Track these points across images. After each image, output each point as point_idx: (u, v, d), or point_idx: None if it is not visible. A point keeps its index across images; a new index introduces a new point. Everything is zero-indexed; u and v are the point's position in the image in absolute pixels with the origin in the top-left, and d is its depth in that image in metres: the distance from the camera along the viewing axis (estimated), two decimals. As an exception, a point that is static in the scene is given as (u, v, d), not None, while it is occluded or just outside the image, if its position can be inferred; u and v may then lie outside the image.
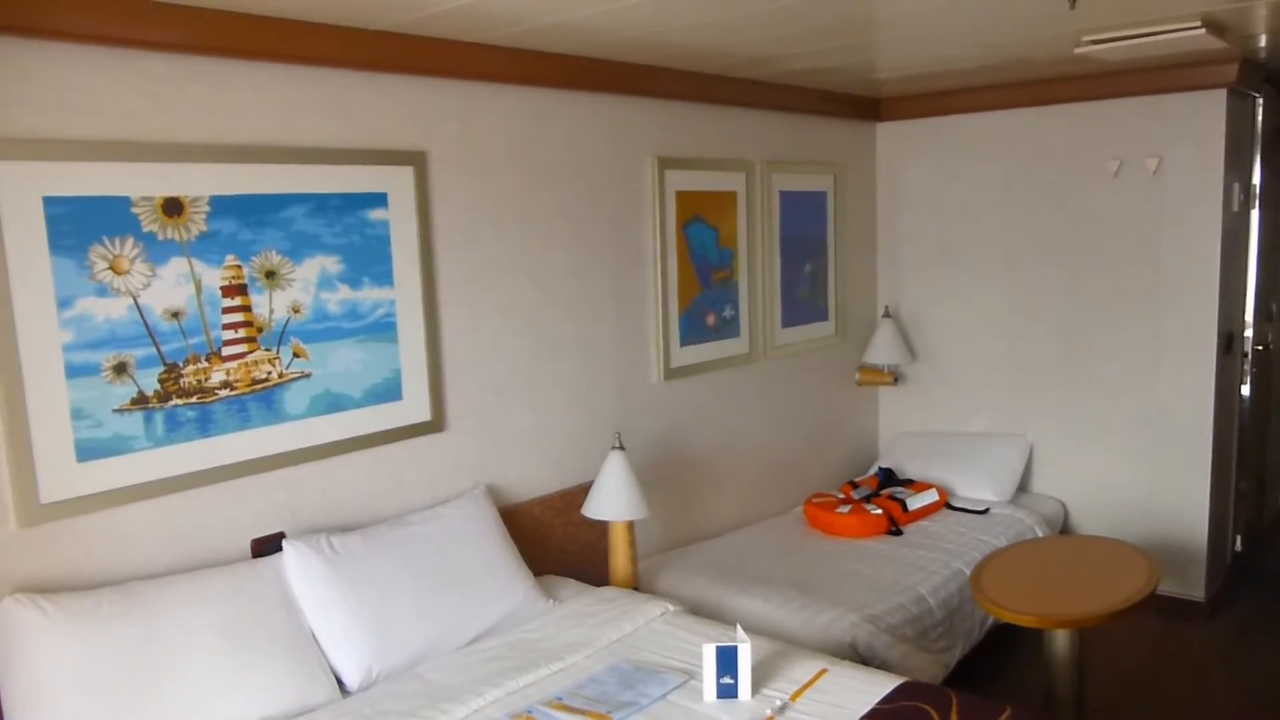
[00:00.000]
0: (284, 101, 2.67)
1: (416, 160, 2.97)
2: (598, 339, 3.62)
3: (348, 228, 2.83)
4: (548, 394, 3.45)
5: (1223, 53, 3.74)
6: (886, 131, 4.98)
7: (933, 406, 5.01)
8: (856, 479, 4.63)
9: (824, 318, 4.72)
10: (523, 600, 2.93)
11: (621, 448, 3.27)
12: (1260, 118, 4.50)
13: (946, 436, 4.87)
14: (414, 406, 3.03)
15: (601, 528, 3.48)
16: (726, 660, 2.42)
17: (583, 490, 3.42)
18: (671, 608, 2.99)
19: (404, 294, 2.98)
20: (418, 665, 2.64)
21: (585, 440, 3.59)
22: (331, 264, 2.79)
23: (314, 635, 2.55)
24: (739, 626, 2.56)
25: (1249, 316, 4.60)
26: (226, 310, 2.57)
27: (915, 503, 4.23)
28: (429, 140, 3.03)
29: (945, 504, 4.38)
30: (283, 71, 2.66)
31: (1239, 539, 4.73)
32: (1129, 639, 4.09)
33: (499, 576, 2.92)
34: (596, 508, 3.26)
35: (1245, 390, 4.63)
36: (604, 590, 3.14)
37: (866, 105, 4.82)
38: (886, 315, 4.95)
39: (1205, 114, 4.10)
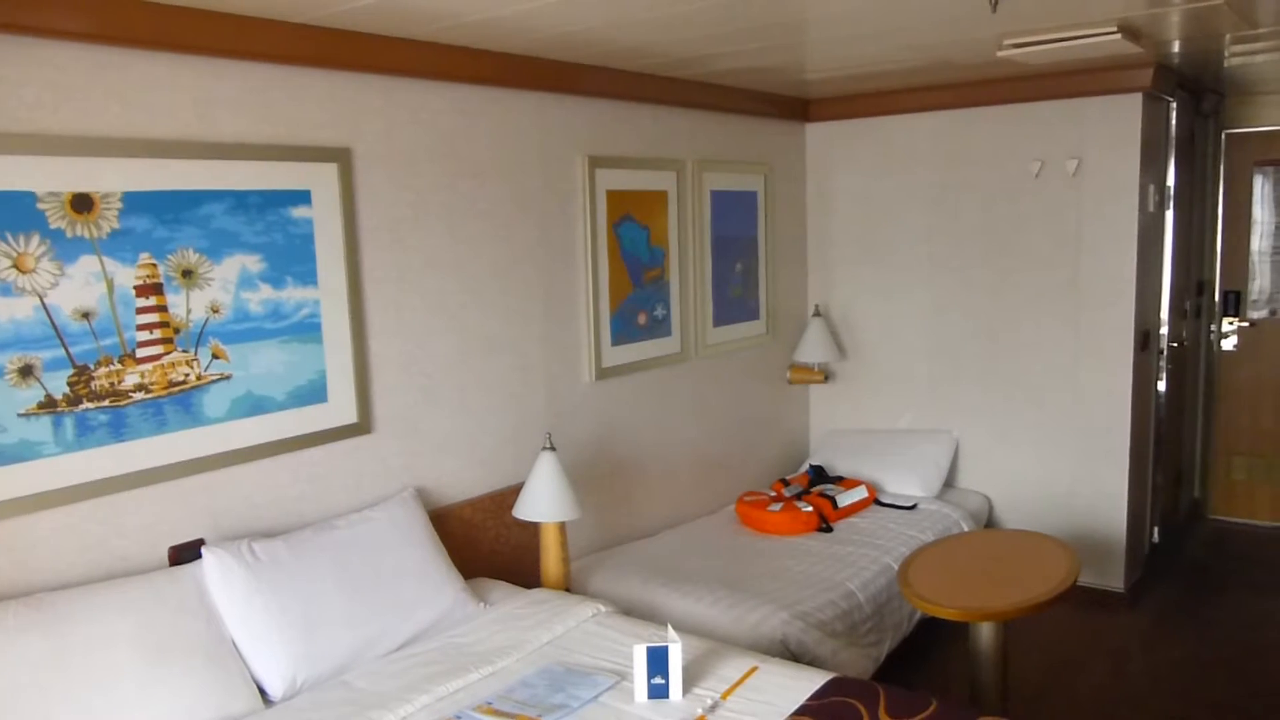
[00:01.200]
0: (201, 95, 2.59)
1: (341, 157, 2.91)
2: (528, 339, 3.59)
3: (269, 226, 2.76)
4: (477, 395, 3.41)
5: (1138, 58, 3.85)
6: (816, 132, 5.02)
7: (862, 404, 5.08)
8: (788, 477, 4.67)
9: (755, 316, 4.75)
10: (453, 604, 2.89)
11: (552, 448, 3.25)
12: (1174, 121, 4.64)
13: (875, 433, 4.94)
14: (340, 408, 2.97)
15: (533, 529, 3.45)
16: (657, 660, 2.41)
17: (514, 491, 3.39)
18: (603, 609, 2.97)
19: (329, 294, 2.92)
20: (344, 673, 2.59)
21: (516, 441, 3.56)
22: (253, 263, 2.72)
23: (235, 644, 2.48)
24: (670, 626, 2.56)
25: (1164, 314, 4.74)
26: (141, 310, 2.48)
27: (845, 499, 4.28)
28: (354, 137, 2.97)
29: (874, 500, 4.43)
30: (199, 64, 2.58)
31: (1156, 530, 4.88)
32: (1051, 630, 4.18)
33: (428, 580, 2.87)
34: (527, 509, 3.23)
35: (1161, 386, 4.78)
36: (535, 592, 3.11)
37: (796, 106, 4.86)
38: (817, 314, 5.00)
39: (1122, 117, 4.22)
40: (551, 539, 3.29)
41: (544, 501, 3.20)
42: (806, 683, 2.45)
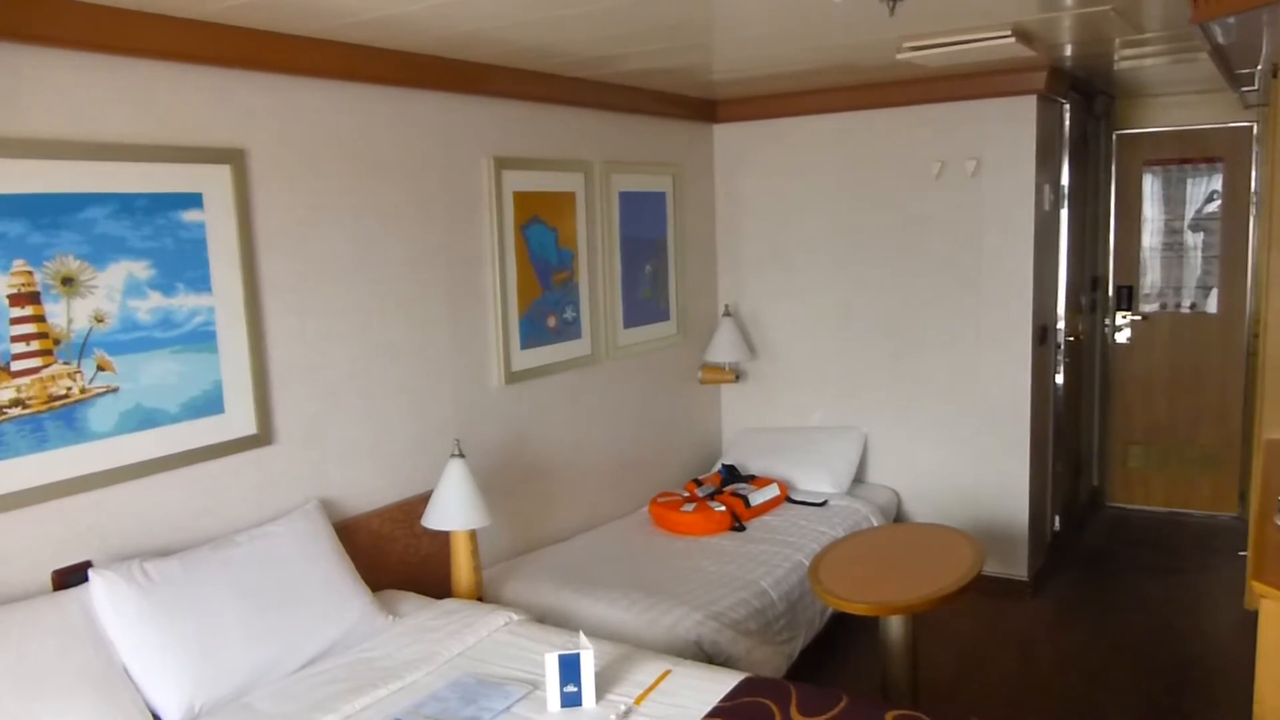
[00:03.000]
0: (80, 92, 2.47)
1: (234, 158, 2.81)
2: (434, 343, 3.52)
3: (158, 230, 2.64)
4: (383, 402, 3.33)
5: (1032, 61, 3.96)
6: (724, 133, 5.05)
7: (773, 403, 5.12)
8: (700, 477, 4.68)
9: (665, 317, 4.75)
10: (360, 618, 2.81)
11: (461, 455, 3.19)
12: (1068, 122, 4.79)
13: (786, 431, 4.99)
14: (238, 419, 2.86)
15: (443, 538, 3.38)
16: (569, 668, 2.38)
17: (423, 500, 3.31)
18: (515, 617, 2.93)
19: (224, 300, 2.81)
20: (246, 694, 2.49)
21: (424, 448, 3.48)
22: (140, 269, 2.60)
23: (127, 671, 2.36)
24: (581, 633, 2.53)
25: (1061, 309, 4.89)
26: (15, 321, 2.35)
27: (757, 498, 4.30)
28: (249, 137, 2.87)
29: (786, 498, 4.47)
30: (77, 59, 2.45)
31: (1057, 519, 5.03)
32: (959, 620, 4.28)
33: (334, 595, 2.79)
34: (436, 518, 3.16)
35: (1059, 379, 4.93)
36: (446, 603, 3.05)
37: (704, 107, 4.87)
38: (727, 314, 5.02)
39: (1018, 119, 4.34)
40: (462, 548, 3.24)
41: (453, 510, 3.14)
42: (719, 684, 2.45)
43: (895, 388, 4.79)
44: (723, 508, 4.16)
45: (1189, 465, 5.74)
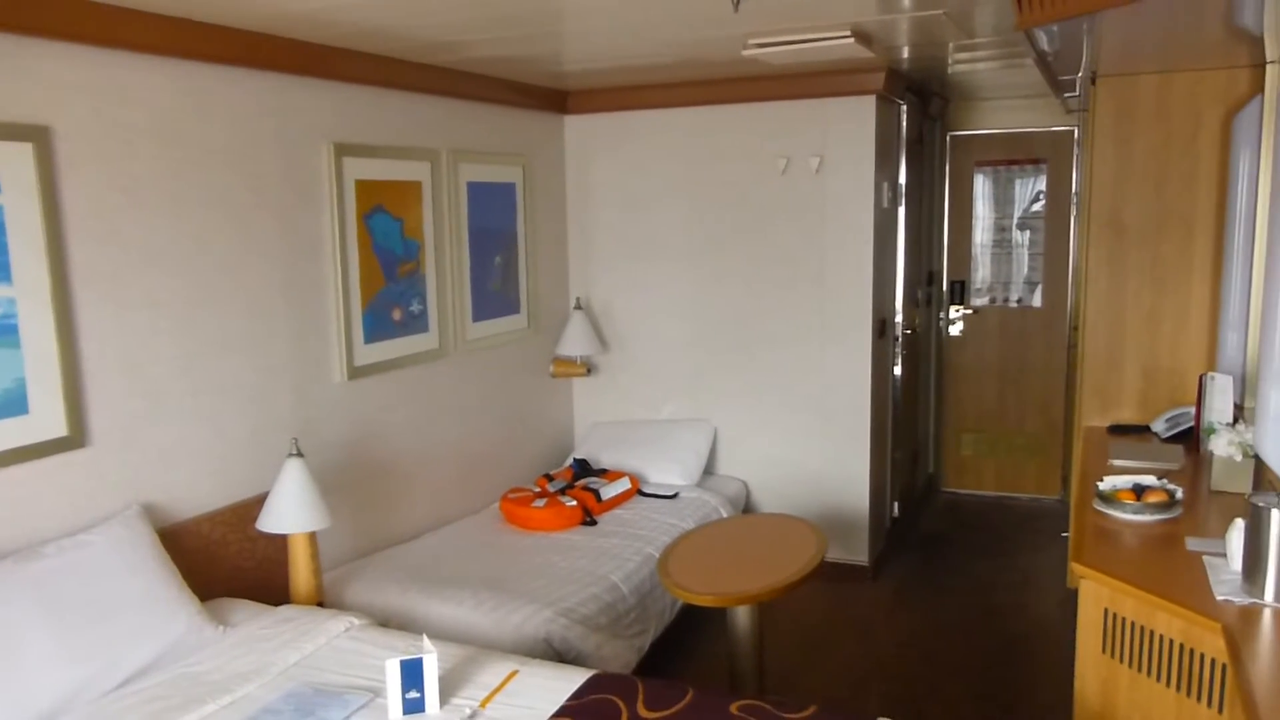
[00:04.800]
0: None
1: (37, 136, 2.58)
2: (270, 337, 3.36)
3: (-51, 214, 2.41)
4: (212, 399, 3.15)
5: (872, 62, 4.08)
6: (574, 124, 5.01)
7: (625, 396, 5.13)
8: (552, 471, 4.64)
9: (516, 310, 4.68)
10: (186, 629, 2.65)
11: (299, 454, 3.05)
12: (905, 123, 4.97)
13: (638, 424, 5.00)
14: (45, 421, 2.64)
15: (280, 541, 3.23)
16: (412, 673, 2.30)
17: (258, 502, 3.15)
18: (357, 622, 2.82)
19: (27, 291, 2.58)
20: (59, 717, 2.31)
21: (259, 447, 3.31)
22: (-72, 257, 2.37)
23: (-86, 698, 2.15)
24: (425, 636, 2.45)
25: (899, 303, 5.08)
26: None
27: (609, 492, 4.30)
28: (54, 114, 2.64)
29: (637, 491, 4.48)
30: None
31: (896, 506, 5.23)
32: (803, 607, 4.39)
33: (156, 606, 2.61)
34: (272, 520, 3.01)
35: (897, 370, 5.12)
36: (283, 610, 2.91)
37: (554, 97, 4.82)
38: (578, 307, 4.99)
39: (858, 118, 4.47)
40: (301, 551, 3.09)
41: (290, 511, 3.00)
42: (566, 683, 2.42)
43: (744, 380, 4.87)
44: (574, 502, 4.13)
45: (1016, 451, 6.07)
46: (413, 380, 4.03)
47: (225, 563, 3.12)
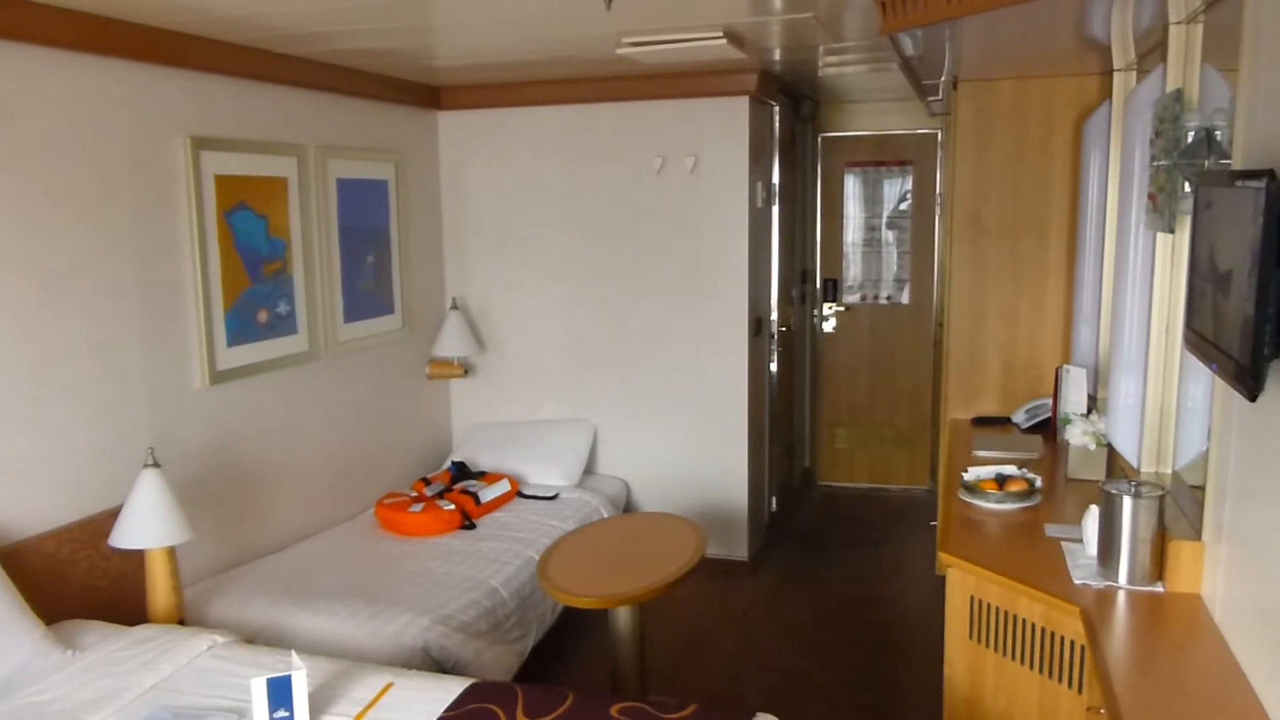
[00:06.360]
0: None
1: None
2: (123, 341, 3.17)
3: None
4: (58, 408, 2.95)
5: (744, 63, 4.13)
6: (448, 121, 4.91)
7: (503, 396, 5.06)
8: (429, 475, 4.53)
9: (390, 311, 4.56)
10: (30, 656, 2.47)
11: (156, 464, 2.89)
12: (777, 124, 5.05)
13: (517, 425, 4.94)
14: None
15: (137, 558, 3.05)
16: (279, 692, 2.20)
17: (112, 516, 2.97)
18: (220, 639, 2.69)
19: None
20: (-120, 757, 2.12)
21: (112, 459, 3.12)
22: None
23: None
24: (294, 652, 2.35)
25: (774, 301, 5.16)
26: None
27: (488, 494, 4.23)
28: None
29: (517, 493, 4.43)
30: None
31: (774, 500, 5.32)
32: (684, 605, 4.41)
33: (-4, 631, 2.43)
34: (127, 535, 2.84)
35: (773, 367, 5.20)
36: (140, 630, 2.75)
37: (427, 93, 4.71)
38: (454, 307, 4.90)
39: (732, 118, 4.52)
40: (158, 566, 2.93)
41: (146, 525, 2.84)
42: (444, 693, 2.36)
43: (623, 379, 4.86)
44: (452, 506, 4.05)
45: (888, 444, 6.25)
46: (281, 384, 3.87)
47: (75, 582, 2.93)
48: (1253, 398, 1.53)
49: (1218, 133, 2.21)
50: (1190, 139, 2.28)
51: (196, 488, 3.41)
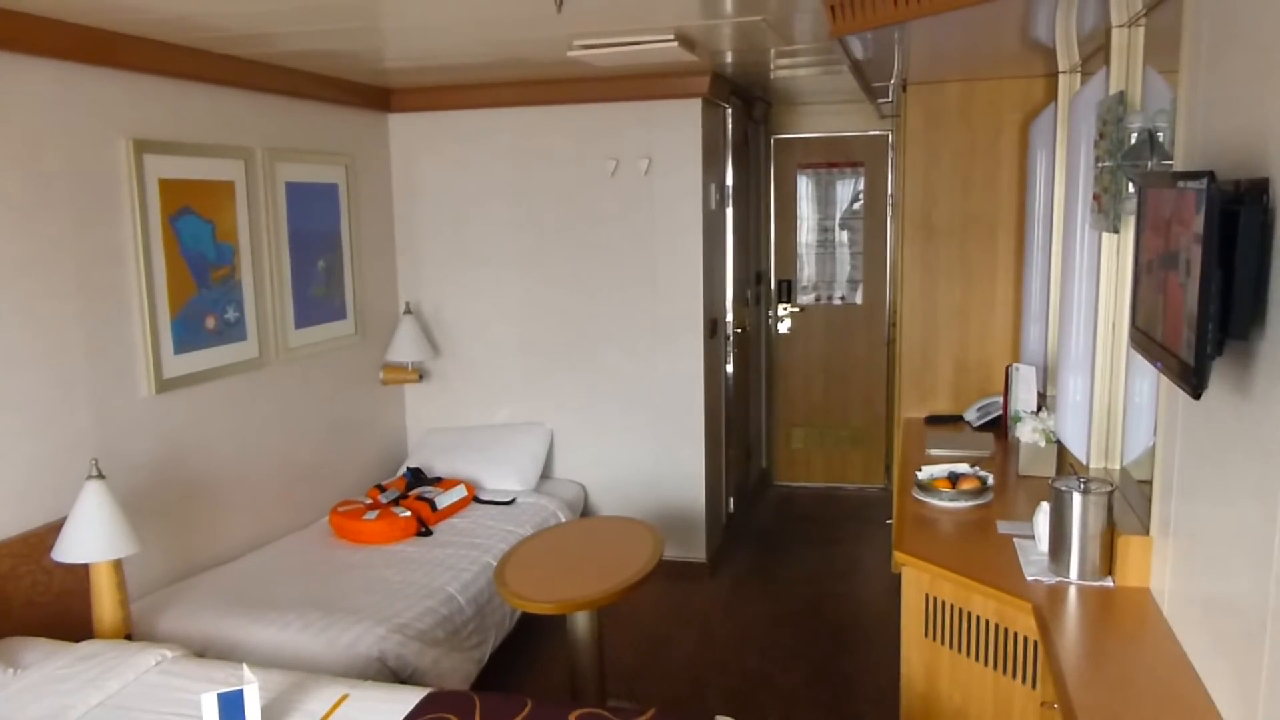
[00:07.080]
0: None
1: None
2: (64, 350, 3.09)
3: None
4: (-2, 420, 2.88)
5: (696, 66, 4.13)
6: (399, 123, 4.86)
7: (459, 401, 5.02)
8: (384, 482, 4.48)
9: (342, 316, 4.50)
10: (-31, 675, 2.40)
11: (100, 475, 2.82)
12: (730, 126, 5.06)
13: (472, 430, 4.90)
14: None
15: (81, 571, 2.98)
16: (231, 707, 2.16)
17: (54, 529, 2.90)
18: (170, 654, 2.63)
19: None
20: None
21: (54, 470, 3.05)
22: None
23: None
24: (245, 666, 2.31)
25: (729, 303, 5.18)
26: None
27: (444, 500, 4.19)
28: None
29: (473, 498, 4.39)
30: None
31: (731, 501, 5.33)
32: (642, 608, 4.41)
33: (-67, 651, 2.36)
34: (70, 549, 2.77)
35: (729, 369, 5.22)
36: (85, 646, 2.68)
37: (378, 95, 4.66)
38: (408, 311, 4.85)
39: (685, 121, 4.52)
40: (104, 580, 2.86)
41: (91, 538, 2.77)
42: (400, 704, 2.33)
43: (579, 382, 4.85)
44: (408, 513, 4.01)
45: (843, 444, 6.30)
46: (231, 392, 3.81)
47: (16, 598, 2.85)
48: (1197, 396, 1.56)
49: (1160, 134, 2.25)
50: (1133, 140, 2.32)
51: (144, 498, 3.34)
